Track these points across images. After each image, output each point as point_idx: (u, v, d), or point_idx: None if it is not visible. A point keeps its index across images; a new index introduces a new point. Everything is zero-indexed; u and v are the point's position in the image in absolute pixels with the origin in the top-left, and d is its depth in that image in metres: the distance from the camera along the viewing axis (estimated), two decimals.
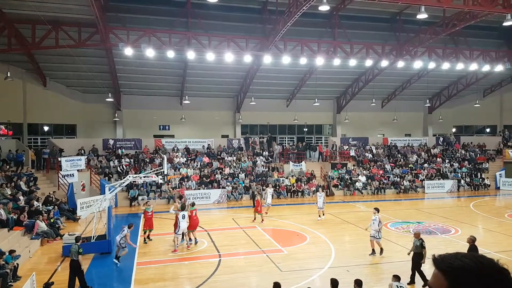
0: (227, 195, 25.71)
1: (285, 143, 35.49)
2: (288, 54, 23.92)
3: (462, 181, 30.75)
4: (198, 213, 20.27)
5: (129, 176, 16.39)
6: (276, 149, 31.37)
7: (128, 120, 31.80)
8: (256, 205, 19.34)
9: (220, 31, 23.72)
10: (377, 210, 13.69)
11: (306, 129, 37.47)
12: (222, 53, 22.99)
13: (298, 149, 32.42)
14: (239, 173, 28.35)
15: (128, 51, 21.78)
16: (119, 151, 28.43)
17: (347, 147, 33.36)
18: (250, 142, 32.51)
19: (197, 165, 28.53)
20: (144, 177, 17.26)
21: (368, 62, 26.42)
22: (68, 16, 21.25)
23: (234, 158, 30.17)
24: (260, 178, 28.05)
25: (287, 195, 27.19)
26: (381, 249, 13.51)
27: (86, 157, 25.72)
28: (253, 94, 30.86)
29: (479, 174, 31.60)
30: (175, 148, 29.98)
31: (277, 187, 27.28)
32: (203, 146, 31.04)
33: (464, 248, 14.24)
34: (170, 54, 22.45)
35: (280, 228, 18.24)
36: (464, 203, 25.66)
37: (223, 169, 28.38)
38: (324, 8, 17.78)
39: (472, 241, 10.63)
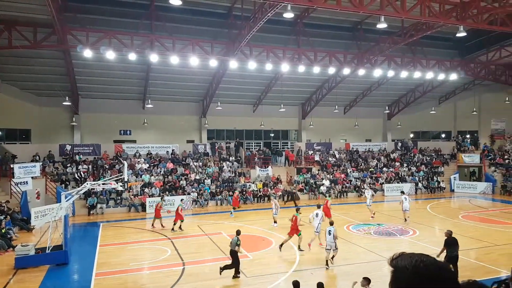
0: (191, 201, 25.29)
1: (252, 148, 35.53)
2: (254, 60, 24.00)
3: (420, 184, 32.08)
4: (162, 220, 19.76)
5: (87, 183, 15.71)
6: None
7: (87, 124, 30.58)
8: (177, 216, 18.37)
9: (185, 34, 23.42)
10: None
11: (273, 134, 37.73)
12: (187, 57, 22.70)
13: (265, 154, 32.55)
14: (205, 179, 28.00)
15: (87, 53, 21.01)
16: (77, 157, 27.28)
17: (312, 152, 33.92)
18: (216, 147, 32.23)
19: (160, 171, 27.88)
20: (103, 184, 16.59)
21: (331, 70, 27.04)
22: (22, 16, 20.14)
23: (200, 163, 29.79)
24: (226, 184, 27.86)
25: (254, 200, 27.15)
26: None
27: (41, 163, 24.48)
28: (220, 99, 30.68)
29: (435, 177, 33.11)
30: (137, 154, 29.17)
31: (244, 193, 27.20)
32: (167, 151, 30.41)
33: (422, 249, 14.81)
34: (132, 56, 21.88)
35: (246, 234, 18.12)
36: (421, 205, 26.70)
37: (188, 175, 27.93)
38: (289, 15, 18.01)
39: (448, 234, 11.53)
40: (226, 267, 11.93)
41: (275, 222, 19.67)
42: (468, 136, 37.95)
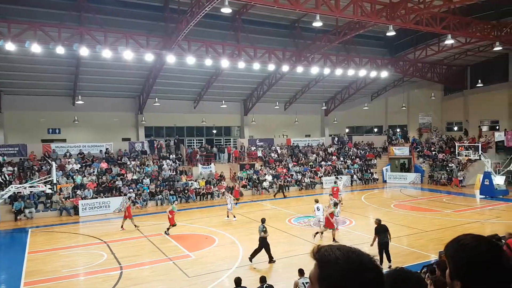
0: (127, 202, 24.19)
1: (193, 146, 34.90)
2: (192, 55, 23.46)
3: (355, 176, 33.78)
4: (97, 224, 18.78)
5: (12, 187, 14.37)
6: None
7: (11, 123, 28.00)
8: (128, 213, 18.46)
9: (118, 27, 22.22)
10: None
11: (215, 131, 37.39)
12: (120, 51, 21.58)
13: (207, 151, 32.13)
14: (143, 178, 26.96)
15: (10, 47, 19.15)
16: (0, 158, 24.87)
17: (254, 148, 34.18)
18: (155, 145, 31.13)
19: (93, 172, 26.33)
20: (30, 187, 15.28)
21: (271, 67, 27.35)
22: None
23: (138, 162, 28.61)
24: (167, 183, 27.06)
25: (196, 198, 26.69)
26: None
27: None
28: (157, 94, 29.64)
29: (368, 169, 35.05)
30: (68, 154, 27.28)
31: (186, 191, 26.62)
32: (101, 150, 28.80)
33: (357, 237, 15.57)
34: (60, 50, 20.31)
35: (189, 233, 17.79)
36: (356, 196, 28.10)
37: (125, 175, 26.69)
38: (226, 10, 17.79)
39: (378, 223, 12.35)
40: (253, 254, 12.70)
41: (234, 216, 19.83)
42: (398, 130, 40.64)
